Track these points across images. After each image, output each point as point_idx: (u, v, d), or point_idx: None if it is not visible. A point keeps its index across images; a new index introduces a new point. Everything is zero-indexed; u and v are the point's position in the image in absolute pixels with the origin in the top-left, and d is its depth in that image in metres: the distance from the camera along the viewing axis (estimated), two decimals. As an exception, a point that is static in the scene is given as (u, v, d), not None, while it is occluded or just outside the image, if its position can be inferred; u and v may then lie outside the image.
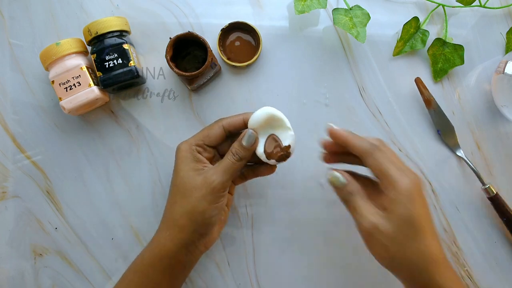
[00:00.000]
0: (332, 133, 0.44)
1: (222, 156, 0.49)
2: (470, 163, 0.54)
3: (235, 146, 0.45)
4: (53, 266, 0.55)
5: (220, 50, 0.55)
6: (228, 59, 0.55)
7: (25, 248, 0.55)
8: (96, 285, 0.55)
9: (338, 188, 0.43)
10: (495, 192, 0.53)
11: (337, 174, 0.43)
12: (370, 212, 0.41)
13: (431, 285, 0.39)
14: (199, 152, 0.46)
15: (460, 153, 0.55)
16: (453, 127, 0.55)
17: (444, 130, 0.55)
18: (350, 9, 0.54)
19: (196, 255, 0.46)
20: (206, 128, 0.48)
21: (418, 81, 0.55)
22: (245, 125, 0.47)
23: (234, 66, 0.55)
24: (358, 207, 0.41)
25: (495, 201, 0.53)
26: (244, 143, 0.45)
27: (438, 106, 0.55)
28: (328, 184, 0.44)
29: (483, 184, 0.53)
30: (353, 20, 0.53)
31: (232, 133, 0.48)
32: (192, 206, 0.43)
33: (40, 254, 0.55)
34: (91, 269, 0.55)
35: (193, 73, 0.50)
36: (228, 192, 0.48)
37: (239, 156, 0.45)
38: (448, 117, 0.55)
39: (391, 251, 0.40)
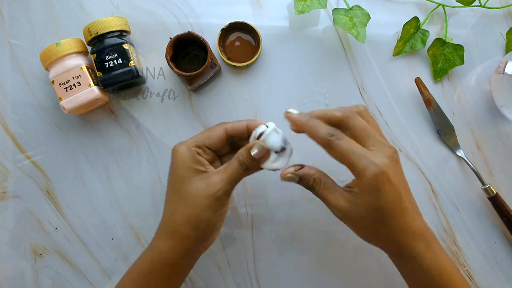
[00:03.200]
0: (290, 120, 0.43)
1: (220, 159, 0.47)
2: (470, 163, 0.54)
3: (243, 154, 0.43)
4: (53, 266, 0.55)
5: (220, 50, 0.55)
6: (228, 59, 0.55)
7: (25, 248, 0.55)
8: (96, 285, 0.55)
9: (298, 182, 0.42)
10: (495, 192, 0.53)
11: (288, 175, 0.42)
12: (337, 199, 0.40)
13: (403, 256, 0.40)
14: (198, 154, 0.43)
15: (460, 153, 0.55)
16: (453, 127, 0.55)
17: (444, 130, 0.55)
18: (350, 9, 0.54)
19: (196, 258, 0.46)
20: (207, 130, 0.45)
21: (418, 81, 0.55)
22: (248, 132, 0.45)
23: (234, 66, 0.55)
24: (324, 197, 0.41)
25: (495, 201, 0.53)
26: (253, 153, 0.42)
27: (438, 106, 0.55)
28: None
29: (483, 184, 0.53)
30: (353, 20, 0.53)
31: (233, 139, 0.46)
32: (196, 215, 0.41)
33: (40, 254, 0.55)
34: (91, 269, 0.55)
35: (193, 73, 0.50)
36: None
37: (246, 166, 0.43)
38: (448, 117, 0.55)
39: (364, 231, 0.41)
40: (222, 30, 0.54)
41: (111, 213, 0.56)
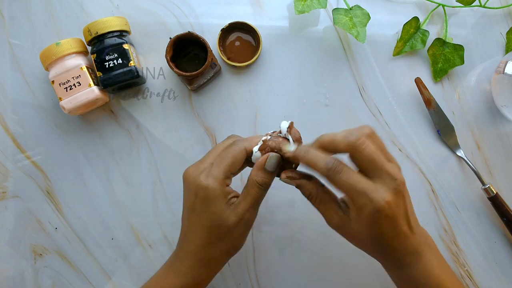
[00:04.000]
0: (288, 158, 0.41)
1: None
2: (470, 163, 0.54)
3: (260, 175, 0.41)
4: (53, 266, 0.55)
5: (220, 50, 0.55)
6: (228, 59, 0.55)
7: (25, 248, 0.55)
8: (96, 285, 0.55)
9: (295, 186, 0.42)
10: (495, 192, 0.53)
11: (286, 179, 0.41)
12: (332, 217, 0.40)
13: (399, 268, 0.40)
14: (227, 185, 0.41)
15: (460, 153, 0.55)
16: (453, 127, 0.55)
17: (444, 130, 0.55)
18: (350, 9, 0.54)
19: None
20: (228, 154, 0.41)
21: (418, 81, 0.55)
22: None
23: (234, 66, 0.55)
24: (323, 205, 0.41)
25: (495, 201, 0.53)
26: (268, 167, 0.41)
27: (438, 106, 0.55)
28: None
29: (483, 184, 0.53)
30: (353, 20, 0.53)
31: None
32: (231, 245, 0.43)
33: (40, 254, 0.55)
34: (91, 269, 0.55)
35: (193, 73, 0.50)
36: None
37: (266, 184, 0.41)
38: (448, 117, 0.55)
39: (358, 244, 0.41)
40: (222, 30, 0.54)
41: (111, 213, 0.56)
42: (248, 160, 0.43)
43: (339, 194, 0.41)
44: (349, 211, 0.39)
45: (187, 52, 0.55)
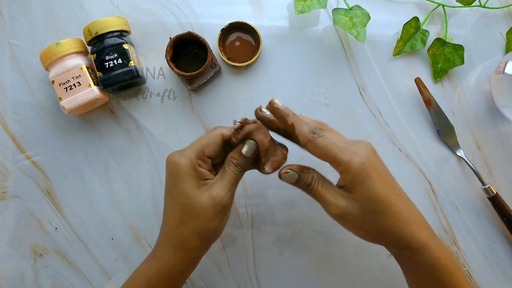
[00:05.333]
0: (274, 110, 0.42)
1: (214, 165, 0.46)
2: (470, 163, 0.54)
3: (235, 157, 0.43)
4: (53, 266, 0.55)
5: (220, 50, 0.55)
6: (228, 59, 0.55)
7: (25, 248, 0.55)
8: (96, 285, 0.55)
9: (294, 182, 0.42)
10: (495, 192, 0.53)
11: (288, 171, 0.42)
12: (335, 197, 0.40)
13: (411, 246, 0.39)
14: (199, 166, 0.43)
15: (460, 153, 0.55)
16: (453, 127, 0.55)
17: (444, 130, 0.55)
18: (350, 9, 0.54)
19: (198, 262, 0.46)
20: (203, 137, 0.44)
21: (418, 81, 0.55)
22: None
23: (234, 66, 0.55)
24: (321, 195, 0.41)
25: (495, 201, 0.53)
26: (244, 151, 0.43)
27: (438, 106, 0.55)
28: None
29: (483, 184, 0.53)
30: (353, 20, 0.53)
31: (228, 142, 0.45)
32: (203, 227, 0.41)
33: (40, 254, 0.55)
34: (91, 269, 0.55)
35: (193, 73, 0.50)
36: None
37: (242, 167, 0.43)
38: (448, 117, 0.55)
39: (365, 228, 0.40)
40: (222, 30, 0.54)
41: (111, 213, 0.56)
42: (229, 145, 0.44)
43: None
44: (344, 187, 0.40)
45: (187, 52, 0.55)
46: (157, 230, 0.55)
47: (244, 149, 0.43)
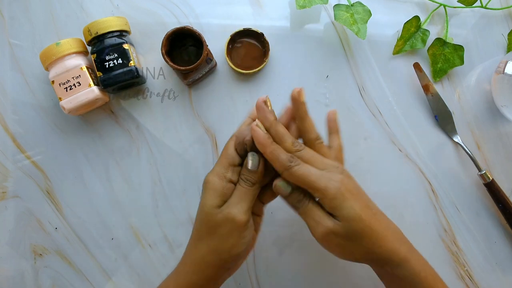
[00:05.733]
0: (256, 134, 0.41)
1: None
2: (466, 149, 0.54)
3: (243, 172, 0.42)
4: (53, 266, 0.55)
5: (228, 58, 0.54)
6: (234, 64, 0.55)
7: (25, 248, 0.55)
8: (96, 285, 0.55)
9: (286, 196, 0.42)
10: (491, 178, 0.53)
11: (283, 181, 0.42)
12: (322, 217, 0.40)
13: (392, 262, 0.40)
14: (230, 181, 0.42)
15: (457, 138, 0.55)
16: (450, 112, 0.55)
17: (441, 116, 0.55)
18: (352, 5, 0.54)
19: (220, 284, 0.45)
20: (223, 151, 0.44)
21: (416, 66, 0.55)
22: None
23: (242, 73, 0.55)
24: (310, 213, 0.41)
25: (491, 187, 0.53)
26: (249, 167, 0.42)
27: (436, 92, 0.55)
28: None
29: (479, 170, 0.53)
30: (354, 16, 0.53)
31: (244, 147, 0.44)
32: (217, 244, 0.41)
33: (40, 254, 0.55)
34: (91, 269, 0.55)
35: (187, 67, 0.50)
36: (257, 214, 0.46)
37: (251, 182, 0.42)
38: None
39: (349, 249, 0.41)
40: (231, 36, 0.54)
41: (111, 213, 0.56)
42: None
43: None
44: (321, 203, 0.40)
45: (184, 48, 0.55)
46: (157, 230, 0.56)
47: (249, 164, 0.42)
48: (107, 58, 0.51)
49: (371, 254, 0.40)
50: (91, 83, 0.52)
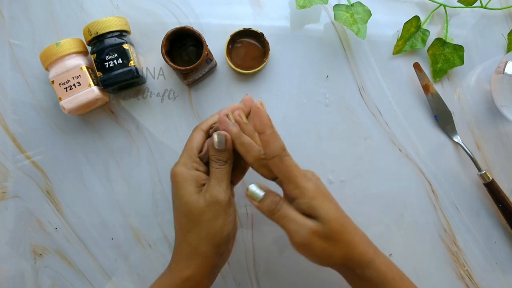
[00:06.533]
0: (256, 110, 0.42)
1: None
2: (466, 149, 0.54)
3: (211, 153, 0.43)
4: (53, 266, 0.55)
5: (228, 58, 0.54)
6: (234, 64, 0.55)
7: (25, 248, 0.55)
8: (96, 285, 0.55)
9: (260, 202, 0.42)
10: (491, 178, 0.53)
11: (256, 187, 0.42)
12: (302, 219, 0.40)
13: (362, 264, 0.41)
14: (196, 169, 0.43)
15: (457, 138, 0.55)
16: (450, 112, 0.55)
17: (441, 116, 0.55)
18: (352, 5, 0.54)
19: (216, 274, 0.45)
20: (188, 141, 0.45)
21: (416, 66, 0.55)
22: None
23: (243, 73, 0.55)
24: (289, 215, 0.40)
25: (491, 187, 0.53)
26: (216, 146, 0.43)
27: (436, 92, 0.55)
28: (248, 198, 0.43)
29: (479, 170, 0.53)
30: (354, 16, 0.53)
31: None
32: (207, 230, 0.41)
33: (40, 254, 0.55)
34: (91, 269, 0.55)
35: (187, 67, 0.50)
36: None
37: (222, 161, 0.43)
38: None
39: (329, 251, 0.40)
40: (231, 36, 0.54)
41: (111, 213, 0.56)
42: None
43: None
44: (296, 208, 0.41)
45: (184, 48, 0.55)
46: (157, 230, 0.56)
47: (215, 142, 0.43)
48: (107, 58, 0.51)
49: (348, 255, 0.41)
50: (91, 83, 0.52)
